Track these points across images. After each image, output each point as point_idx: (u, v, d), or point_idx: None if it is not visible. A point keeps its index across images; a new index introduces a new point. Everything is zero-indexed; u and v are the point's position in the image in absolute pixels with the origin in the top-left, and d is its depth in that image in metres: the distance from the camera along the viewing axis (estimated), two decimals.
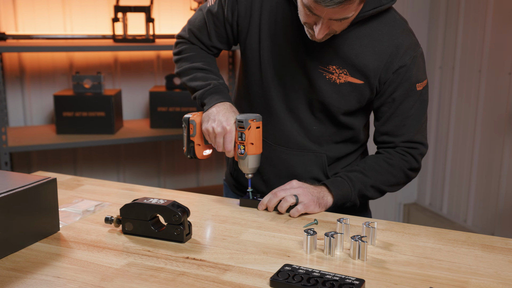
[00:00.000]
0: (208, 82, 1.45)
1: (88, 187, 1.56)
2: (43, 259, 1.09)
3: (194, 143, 1.43)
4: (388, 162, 1.43)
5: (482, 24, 3.01)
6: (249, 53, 1.46)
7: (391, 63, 1.36)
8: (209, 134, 1.38)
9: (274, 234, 1.23)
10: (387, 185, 1.44)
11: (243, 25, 1.44)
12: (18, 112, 3.03)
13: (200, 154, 1.44)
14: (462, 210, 3.26)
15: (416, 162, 1.45)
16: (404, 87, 1.38)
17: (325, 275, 1.00)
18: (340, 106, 1.41)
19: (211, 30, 1.49)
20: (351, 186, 1.39)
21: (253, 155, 1.37)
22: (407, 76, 1.37)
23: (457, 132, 3.27)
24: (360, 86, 1.38)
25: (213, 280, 1.01)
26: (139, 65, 3.22)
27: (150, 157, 3.35)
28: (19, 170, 3.04)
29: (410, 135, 1.42)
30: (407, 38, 1.38)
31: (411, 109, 1.40)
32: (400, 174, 1.44)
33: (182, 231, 1.16)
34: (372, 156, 1.46)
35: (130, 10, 2.85)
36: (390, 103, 1.40)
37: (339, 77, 1.38)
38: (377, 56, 1.36)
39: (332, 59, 1.37)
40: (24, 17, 2.94)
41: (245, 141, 1.35)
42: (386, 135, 1.44)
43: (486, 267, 1.07)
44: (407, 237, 1.22)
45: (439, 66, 3.35)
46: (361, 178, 1.41)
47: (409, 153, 1.43)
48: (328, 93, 1.39)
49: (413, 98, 1.40)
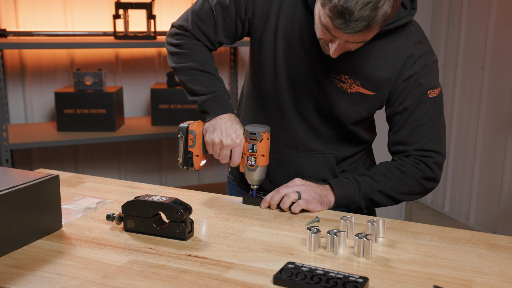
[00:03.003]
0: (212, 89, 1.41)
1: (89, 185, 1.55)
2: (45, 256, 1.08)
3: (193, 154, 1.39)
4: (399, 169, 1.39)
5: (485, 21, 2.99)
6: (263, 54, 1.42)
7: (402, 73, 1.35)
8: (215, 146, 1.36)
9: (277, 232, 1.22)
10: (399, 192, 1.40)
11: (258, 23, 1.40)
12: (19, 109, 3.02)
13: (197, 165, 1.40)
14: (464, 208, 3.25)
15: (431, 171, 1.40)
16: (415, 94, 1.36)
17: (329, 273, 0.99)
18: (349, 116, 1.40)
19: (219, 24, 1.42)
20: (356, 188, 1.37)
21: (263, 167, 1.37)
22: (417, 83, 1.35)
23: (460, 129, 3.26)
24: (371, 97, 1.37)
25: (215, 277, 1.00)
26: (140, 62, 3.21)
27: (151, 154, 3.34)
28: (20, 167, 3.04)
29: (423, 143, 1.39)
30: (420, 48, 1.36)
31: (424, 117, 1.37)
32: (413, 182, 1.39)
33: (184, 228, 1.16)
34: (385, 163, 1.43)
35: (131, 6, 2.84)
36: (402, 112, 1.38)
37: (351, 87, 1.36)
38: (390, 68, 1.34)
39: (346, 69, 1.35)
40: (25, 13, 2.93)
41: (257, 153, 1.34)
42: (399, 144, 1.41)
43: (490, 265, 1.06)
44: (411, 236, 1.21)
45: (441, 64, 3.34)
46: (368, 181, 1.38)
47: (423, 162, 1.39)
48: (338, 101, 1.38)
49: (425, 105, 1.37)
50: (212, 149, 1.37)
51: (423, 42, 1.38)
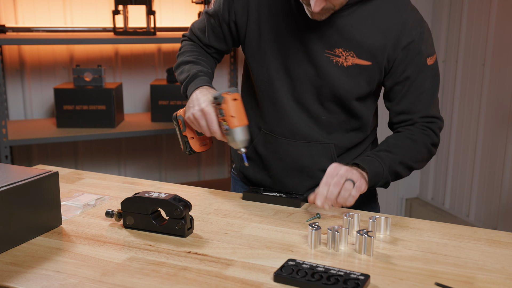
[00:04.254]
0: (189, 73, 1.44)
1: (88, 181, 1.54)
2: (43, 253, 1.08)
3: (187, 137, 1.41)
4: (410, 138, 1.40)
5: (486, 17, 2.98)
6: (249, 49, 1.45)
7: (399, 41, 1.35)
8: (193, 122, 1.36)
9: (277, 229, 1.21)
10: (414, 161, 1.40)
11: (241, 22, 1.44)
12: (18, 105, 3.01)
13: (196, 147, 1.42)
14: (465, 204, 3.25)
15: (436, 137, 1.42)
16: (415, 63, 1.37)
17: (330, 270, 0.98)
18: (351, 90, 1.38)
19: (208, 29, 1.51)
20: (381, 163, 1.34)
21: (237, 128, 1.30)
22: (417, 52, 1.36)
23: (460, 125, 3.25)
24: (368, 68, 1.37)
25: (215, 275, 0.99)
26: (140, 58, 3.20)
27: (151, 150, 3.33)
28: (19, 163, 3.03)
29: (427, 110, 1.41)
30: (412, 14, 1.37)
31: (424, 84, 1.39)
32: (423, 149, 1.41)
33: (183, 225, 1.15)
34: (393, 135, 1.43)
35: (131, 2, 2.83)
36: (404, 81, 1.38)
37: (346, 60, 1.36)
38: (383, 35, 1.34)
39: (338, 42, 1.35)
40: (24, 9, 2.92)
41: (225, 116, 1.29)
42: (403, 114, 1.42)
43: (493, 262, 1.06)
44: (412, 232, 1.20)
45: (442, 60, 3.33)
46: (388, 155, 1.36)
47: (429, 128, 1.41)
48: (336, 76, 1.37)
49: (425, 73, 1.38)
50: (194, 126, 1.37)
51: (412, 8, 1.38)
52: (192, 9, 3.17)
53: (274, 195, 1.38)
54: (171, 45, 3.21)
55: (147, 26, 2.86)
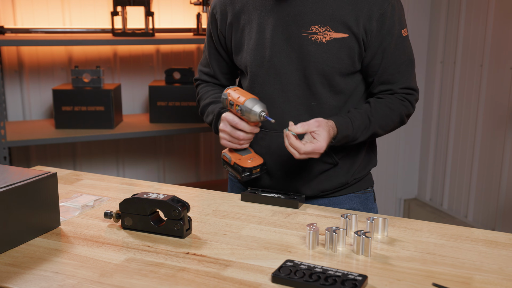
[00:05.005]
0: (213, 114, 1.52)
1: (87, 182, 1.55)
2: (42, 254, 1.08)
3: (235, 162, 1.44)
4: (389, 106, 1.44)
5: (484, 18, 2.99)
6: (236, 56, 1.51)
7: (371, 11, 1.37)
8: (225, 138, 1.42)
9: (275, 230, 1.22)
10: (384, 129, 1.45)
11: (228, 37, 1.52)
12: (17, 106, 3.01)
13: (247, 164, 1.44)
14: (463, 205, 3.25)
15: (412, 108, 1.48)
16: (391, 34, 1.40)
17: (328, 270, 0.99)
18: (334, 65, 1.40)
19: (211, 61, 1.61)
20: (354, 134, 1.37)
21: (245, 101, 1.35)
22: (391, 23, 1.39)
23: (458, 126, 3.25)
24: (346, 40, 1.39)
25: (213, 276, 1.00)
26: (138, 59, 3.20)
27: (149, 151, 3.34)
28: (18, 164, 3.03)
29: (407, 82, 1.46)
30: None
31: (403, 55, 1.43)
32: (397, 118, 1.46)
33: (182, 226, 1.15)
34: (375, 100, 1.45)
35: (130, 3, 2.83)
36: (381, 53, 1.41)
37: (324, 35, 1.38)
38: (354, 6, 1.37)
39: (312, 19, 1.39)
40: (23, 10, 2.92)
41: (234, 103, 1.38)
42: (383, 84, 1.45)
43: (490, 263, 1.06)
44: (410, 233, 1.21)
45: (440, 61, 3.34)
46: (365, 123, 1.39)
47: (407, 99, 1.46)
48: (318, 54, 1.39)
49: (402, 44, 1.43)
50: (229, 143, 1.43)
51: None
52: (191, 11, 3.17)
53: (272, 196, 1.39)
54: (170, 46, 3.21)
55: (145, 27, 2.87)
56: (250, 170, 1.43)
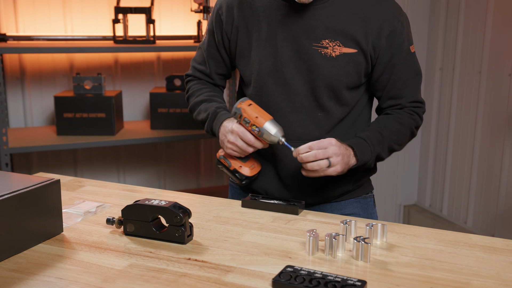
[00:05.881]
0: (208, 112, 1.51)
1: (89, 188, 1.56)
2: (45, 260, 1.09)
3: (236, 169, 1.45)
4: (399, 122, 1.48)
5: (482, 25, 3.01)
6: (241, 61, 1.51)
7: (381, 29, 1.40)
8: (233, 149, 1.42)
9: (275, 236, 1.23)
10: (398, 144, 1.49)
11: (232, 40, 1.51)
12: (19, 113, 3.03)
13: (248, 172, 1.45)
14: (462, 211, 3.26)
15: (421, 120, 1.52)
16: (400, 51, 1.43)
17: (327, 276, 1.00)
18: (341, 79, 1.43)
19: (209, 59, 1.58)
20: (372, 151, 1.42)
21: (265, 123, 1.36)
22: (400, 41, 1.43)
23: (457, 133, 3.27)
24: (354, 55, 1.41)
25: (215, 281, 1.01)
26: (139, 66, 3.22)
27: (150, 158, 3.35)
28: (20, 171, 3.04)
29: (415, 96, 1.50)
30: (392, 4, 1.44)
31: (411, 71, 1.47)
32: (408, 132, 1.50)
33: (183, 232, 1.17)
34: (385, 117, 1.50)
35: (131, 11, 2.86)
36: (390, 69, 1.44)
37: (334, 50, 1.41)
38: (365, 23, 1.40)
39: (323, 33, 1.41)
40: (25, 18, 2.94)
41: (251, 121, 1.37)
42: (392, 99, 1.49)
43: (487, 268, 1.07)
44: (409, 238, 1.22)
45: (439, 68, 3.36)
46: (380, 140, 1.44)
47: (416, 112, 1.50)
48: (326, 68, 1.41)
49: (410, 60, 1.46)
50: (236, 153, 1.43)
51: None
52: (191, 18, 3.20)
53: (273, 202, 1.40)
54: (171, 53, 3.24)
55: (146, 35, 2.89)
56: (251, 178, 1.45)
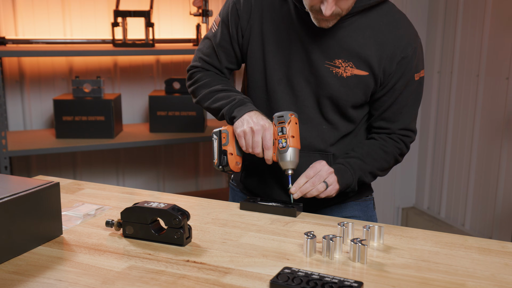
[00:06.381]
0: (232, 98, 1.46)
1: (88, 191, 1.57)
2: (45, 262, 1.10)
3: (227, 152, 1.43)
4: (383, 150, 1.48)
5: (480, 29, 3.03)
6: (252, 62, 1.48)
7: (394, 54, 1.40)
8: (246, 135, 1.37)
9: (273, 238, 1.24)
10: (381, 170, 1.50)
11: (245, 37, 1.48)
12: (18, 116, 3.04)
13: (232, 165, 1.43)
14: (460, 214, 3.27)
15: (406, 149, 1.53)
16: (405, 77, 1.43)
17: (324, 277, 1.01)
18: (348, 99, 1.44)
19: (220, 53, 1.53)
20: (352, 174, 1.43)
21: (294, 148, 1.37)
22: (409, 68, 1.42)
23: (455, 136, 3.28)
24: (365, 78, 1.41)
25: (213, 283, 1.02)
26: (138, 69, 3.23)
27: (149, 161, 3.36)
28: (19, 174, 3.05)
29: (406, 123, 1.49)
30: (408, 29, 1.43)
31: (408, 98, 1.46)
32: (391, 160, 1.51)
33: (182, 234, 1.17)
34: (369, 143, 1.50)
35: (130, 14, 2.87)
36: (391, 92, 1.44)
37: (346, 71, 1.41)
38: (380, 47, 1.39)
39: (338, 53, 1.40)
40: (24, 21, 2.95)
41: (287, 134, 1.36)
42: (384, 121, 1.49)
43: (482, 269, 1.08)
44: (405, 240, 1.23)
45: (437, 71, 3.37)
46: (360, 165, 1.45)
47: (403, 141, 1.50)
48: (335, 87, 1.42)
49: (411, 87, 1.45)
50: (244, 141, 1.39)
51: (409, 23, 1.44)
52: (190, 21, 3.21)
53: (271, 204, 1.41)
54: (170, 56, 3.25)
55: (145, 38, 2.90)
56: (229, 171, 1.44)
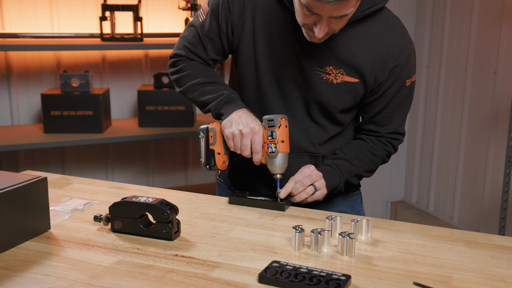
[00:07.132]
0: (219, 93, 1.44)
1: (76, 186, 1.56)
2: (33, 257, 1.09)
3: (215, 151, 1.42)
4: (372, 152, 1.49)
5: (468, 23, 3.04)
6: (243, 60, 1.46)
7: (387, 63, 1.39)
8: (235, 138, 1.37)
9: (262, 232, 1.24)
10: (367, 172, 1.52)
11: (236, 33, 1.45)
12: (5, 111, 3.01)
13: (220, 164, 1.43)
14: (448, 207, 3.30)
15: (394, 151, 1.55)
16: (397, 84, 1.43)
17: (312, 271, 1.01)
18: (337, 105, 1.44)
19: (206, 44, 1.49)
20: (340, 176, 1.45)
21: (283, 153, 1.37)
22: (401, 75, 1.42)
23: (443, 130, 3.31)
24: (355, 85, 1.42)
25: (201, 277, 1.02)
26: (127, 64, 3.22)
27: (138, 156, 3.35)
28: (7, 169, 3.03)
29: (395, 127, 1.50)
30: (402, 37, 1.42)
31: (399, 103, 1.47)
32: (379, 162, 1.53)
33: (170, 229, 1.17)
34: (357, 144, 1.51)
35: (118, 8, 2.85)
36: (382, 98, 1.45)
37: (336, 78, 1.40)
38: (373, 55, 1.39)
39: (329, 60, 1.39)
40: (11, 15, 2.92)
41: (276, 139, 1.35)
42: (373, 124, 1.50)
43: (469, 262, 1.10)
44: (393, 234, 1.24)
45: (425, 65, 3.39)
46: (347, 167, 1.46)
47: (391, 144, 1.52)
48: (325, 93, 1.42)
49: (402, 93, 1.46)
50: (232, 143, 1.38)
51: (403, 30, 1.43)
52: (179, 16, 3.20)
53: (260, 199, 1.41)
54: (158, 51, 3.24)
55: (134, 32, 2.89)
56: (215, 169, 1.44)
